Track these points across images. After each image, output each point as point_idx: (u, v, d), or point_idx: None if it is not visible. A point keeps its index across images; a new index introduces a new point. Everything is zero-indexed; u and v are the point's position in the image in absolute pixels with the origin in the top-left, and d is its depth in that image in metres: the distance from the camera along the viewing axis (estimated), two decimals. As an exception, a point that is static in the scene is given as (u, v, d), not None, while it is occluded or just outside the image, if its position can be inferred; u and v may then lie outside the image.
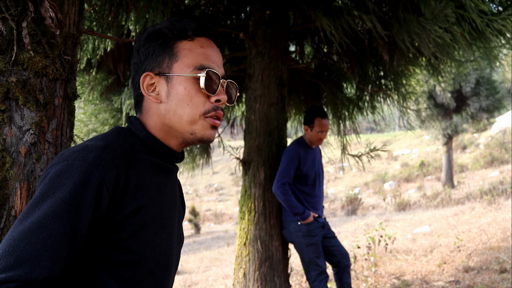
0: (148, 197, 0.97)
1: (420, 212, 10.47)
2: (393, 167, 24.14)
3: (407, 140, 29.01)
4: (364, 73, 4.38)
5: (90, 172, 0.87)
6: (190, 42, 1.04)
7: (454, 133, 15.86)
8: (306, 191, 3.49)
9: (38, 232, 0.81)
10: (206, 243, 12.04)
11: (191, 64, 1.02)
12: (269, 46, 3.63)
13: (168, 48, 1.03)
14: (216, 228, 16.44)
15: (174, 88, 1.02)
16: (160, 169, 1.04)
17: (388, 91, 4.54)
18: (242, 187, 3.73)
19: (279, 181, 3.39)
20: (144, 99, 1.05)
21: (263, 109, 3.64)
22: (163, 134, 1.04)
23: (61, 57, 1.37)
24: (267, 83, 3.64)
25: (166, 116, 1.03)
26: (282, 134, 3.71)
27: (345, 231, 8.98)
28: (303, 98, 4.71)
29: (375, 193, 18.82)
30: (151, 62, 1.03)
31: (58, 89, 1.38)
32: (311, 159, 3.53)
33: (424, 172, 20.64)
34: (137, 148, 1.00)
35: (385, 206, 14.39)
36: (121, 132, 1.01)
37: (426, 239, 6.52)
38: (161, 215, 1.02)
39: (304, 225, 3.38)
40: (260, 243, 3.54)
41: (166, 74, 1.02)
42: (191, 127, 1.03)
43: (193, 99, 1.01)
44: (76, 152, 0.91)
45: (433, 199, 13.14)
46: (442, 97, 14.70)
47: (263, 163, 3.60)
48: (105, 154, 0.91)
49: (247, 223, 3.61)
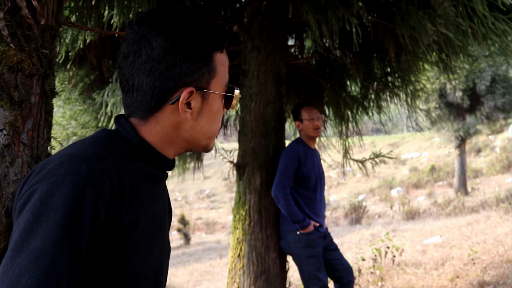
0: (141, 210, 0.98)
1: (431, 221, 10.50)
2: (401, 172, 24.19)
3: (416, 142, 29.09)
4: (369, 70, 4.40)
5: (84, 188, 0.86)
6: (222, 55, 1.06)
7: (467, 135, 15.92)
8: (307, 195, 3.50)
9: (40, 263, 0.80)
10: (197, 254, 12.01)
11: (224, 81, 1.06)
12: (265, 39, 3.64)
13: (207, 61, 1.02)
14: (207, 238, 16.41)
15: (209, 105, 1.05)
16: (152, 177, 1.04)
17: (396, 89, 4.56)
18: (236, 194, 3.73)
19: (279, 183, 3.40)
20: (162, 111, 1.02)
21: (259, 108, 3.65)
22: (162, 142, 1.05)
23: (38, 51, 1.37)
24: (264, 80, 3.65)
25: (188, 132, 1.05)
26: (279, 135, 3.72)
27: (348, 242, 8.99)
28: (303, 97, 4.72)
29: (381, 201, 18.85)
30: (190, 75, 1.01)
31: (35, 85, 1.38)
32: (311, 160, 3.55)
33: (435, 178, 20.71)
34: (128, 155, 1.00)
35: (392, 215, 14.41)
36: (110, 136, 1.01)
37: (437, 251, 6.54)
38: (153, 228, 1.03)
39: (304, 235, 3.38)
40: (255, 255, 3.54)
41: (204, 90, 1.03)
42: (208, 141, 1.09)
43: (220, 117, 1.09)
44: (65, 164, 0.89)
45: (444, 207, 13.18)
46: (454, 96, 14.76)
47: (259, 167, 3.61)
48: (97, 166, 0.90)
49: (241, 233, 3.61)
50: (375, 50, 4.25)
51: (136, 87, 1.01)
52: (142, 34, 0.99)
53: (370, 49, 4.21)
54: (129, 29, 1.01)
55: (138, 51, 0.99)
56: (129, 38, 1.01)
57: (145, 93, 1.01)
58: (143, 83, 1.00)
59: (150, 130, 1.03)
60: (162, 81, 1.00)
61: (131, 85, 1.02)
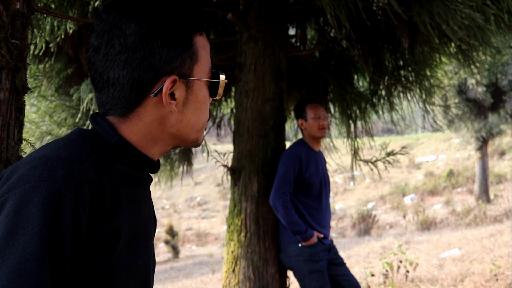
0: (124, 218, 0.98)
1: (448, 232, 10.51)
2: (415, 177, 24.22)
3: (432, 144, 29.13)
4: (379, 62, 4.41)
5: (62, 195, 0.86)
6: (202, 37, 1.06)
7: (489, 136, 15.95)
8: (310, 203, 3.50)
9: (21, 282, 0.79)
10: (187, 269, 12.00)
11: (207, 66, 1.07)
12: (263, 29, 3.65)
13: (188, 45, 1.03)
14: (198, 251, 16.40)
15: (194, 94, 1.05)
16: (135, 181, 1.05)
17: (409, 84, 4.56)
18: (231, 201, 3.73)
19: (277, 190, 3.40)
20: (143, 105, 1.02)
21: (256, 106, 3.65)
22: (145, 141, 1.05)
23: (7, 41, 1.37)
24: (261, 74, 3.65)
25: (174, 126, 1.05)
26: (279, 136, 3.72)
27: (356, 255, 9.00)
28: (305, 93, 4.72)
29: (393, 209, 18.88)
30: (171, 62, 1.01)
31: (4, 80, 1.38)
32: (315, 164, 3.55)
33: (453, 184, 20.74)
34: (108, 156, 1.00)
35: (405, 225, 14.43)
36: (86, 136, 1.00)
37: (456, 266, 6.54)
38: (138, 239, 1.03)
39: (306, 248, 3.38)
40: (252, 269, 3.55)
41: (188, 77, 1.03)
42: (197, 134, 1.09)
43: (207, 106, 1.09)
44: (38, 168, 0.88)
45: (464, 216, 13.21)
46: (474, 92, 14.78)
47: (256, 172, 3.61)
48: (75, 170, 0.89)
49: (236, 245, 3.61)
50: (386, 41, 4.26)
51: (111, 81, 1.00)
52: (112, 22, 0.98)
53: (381, 40, 4.22)
54: (97, 18, 1.00)
55: (110, 42, 0.98)
56: (98, 28, 1.00)
57: (122, 88, 1.00)
58: (120, 76, 0.99)
59: (132, 128, 1.03)
60: (141, 72, 0.99)
61: (105, 80, 1.01)
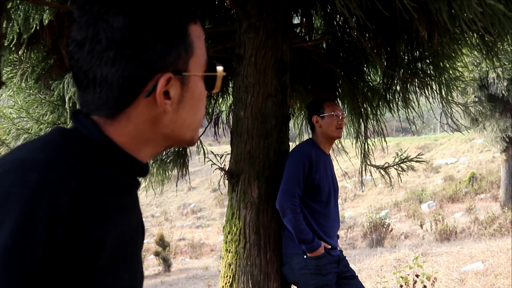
0: (108, 228, 0.97)
1: (471, 244, 10.51)
2: (433, 182, 24.22)
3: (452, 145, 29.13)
4: (394, 54, 4.41)
5: (35, 202, 0.85)
6: (196, 26, 1.06)
7: (516, 136, 15.95)
8: (318, 209, 3.49)
9: None
10: (179, 284, 11.99)
11: (202, 58, 1.07)
12: (265, 17, 3.65)
13: (182, 36, 1.02)
14: (192, 263, 16.40)
15: (190, 91, 1.05)
16: (121, 186, 1.04)
17: (427, 78, 4.57)
18: (228, 209, 3.73)
19: (286, 191, 3.39)
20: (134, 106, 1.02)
21: (257, 102, 3.65)
22: (135, 143, 1.05)
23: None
24: (263, 68, 3.65)
25: (168, 127, 1.05)
26: (282, 136, 3.72)
27: (368, 269, 9.00)
28: (311, 88, 4.73)
29: (408, 217, 18.86)
30: (165, 57, 1.01)
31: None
32: (324, 167, 3.55)
33: (476, 189, 20.73)
34: (91, 159, 0.99)
35: (422, 235, 14.42)
36: (67, 137, 1.00)
37: (479, 280, 6.54)
38: (124, 250, 1.03)
39: (313, 260, 3.38)
40: (252, 284, 3.55)
41: (183, 74, 1.03)
42: (193, 133, 1.10)
43: (203, 102, 1.09)
44: (11, 172, 0.87)
45: (488, 225, 13.20)
46: (498, 87, 14.77)
47: (256, 176, 3.61)
48: (52, 174, 0.89)
49: (234, 257, 3.61)
50: (401, 30, 4.26)
51: (98, 81, 0.99)
52: (97, 14, 0.97)
53: (395, 29, 4.22)
54: (79, 10, 0.99)
55: (95, 37, 0.97)
56: (80, 21, 0.98)
57: (111, 88, 0.99)
58: (108, 75, 0.98)
59: (120, 130, 1.02)
60: (132, 70, 0.99)
61: (91, 79, 1.00)
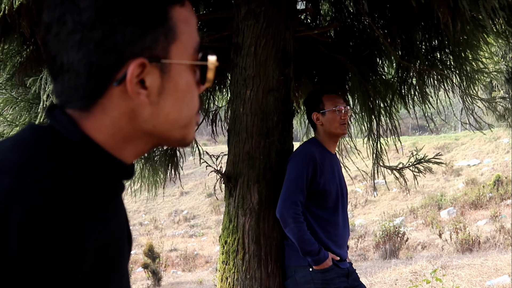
0: (89, 235, 0.97)
1: (496, 255, 10.51)
2: (453, 186, 24.22)
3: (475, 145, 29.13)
4: (410, 44, 4.40)
5: (7, 208, 0.85)
6: (183, 9, 1.05)
7: (545, 135, 15.96)
8: (325, 217, 3.49)
9: None
10: (170, 300, 12.01)
11: (190, 46, 1.05)
12: (266, 2, 3.65)
13: (162, 19, 1.01)
14: (185, 277, 16.40)
15: (173, 81, 1.03)
16: (103, 190, 1.04)
17: (446, 70, 4.56)
18: (225, 216, 3.73)
19: (287, 198, 3.39)
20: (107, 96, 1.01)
21: (257, 97, 3.65)
22: (115, 140, 1.04)
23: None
24: (264, 59, 3.65)
25: (149, 122, 1.03)
26: (285, 135, 3.72)
27: (380, 283, 9.00)
28: (317, 81, 4.73)
29: (426, 225, 18.86)
30: (138, 41, 0.99)
31: None
32: (331, 169, 3.54)
33: (501, 194, 20.72)
34: (69, 159, 0.98)
35: (441, 245, 14.42)
36: (41, 134, 0.99)
37: (503, 295, 6.55)
38: (108, 260, 1.03)
39: (319, 273, 3.39)
40: (251, 300, 3.55)
41: (162, 60, 1.02)
42: (182, 132, 1.07)
43: (192, 95, 1.07)
44: None
45: (514, 234, 13.19)
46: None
47: (256, 179, 3.61)
48: (24, 177, 0.88)
49: (232, 269, 3.61)
50: (418, 16, 4.25)
51: (65, 67, 0.99)
52: None
53: (411, 15, 4.21)
54: None
55: (61, 18, 0.97)
56: (50, 2, 0.98)
57: (78, 74, 0.99)
58: (74, 60, 0.98)
59: (96, 124, 1.02)
60: (100, 55, 0.98)
61: (59, 65, 0.99)
